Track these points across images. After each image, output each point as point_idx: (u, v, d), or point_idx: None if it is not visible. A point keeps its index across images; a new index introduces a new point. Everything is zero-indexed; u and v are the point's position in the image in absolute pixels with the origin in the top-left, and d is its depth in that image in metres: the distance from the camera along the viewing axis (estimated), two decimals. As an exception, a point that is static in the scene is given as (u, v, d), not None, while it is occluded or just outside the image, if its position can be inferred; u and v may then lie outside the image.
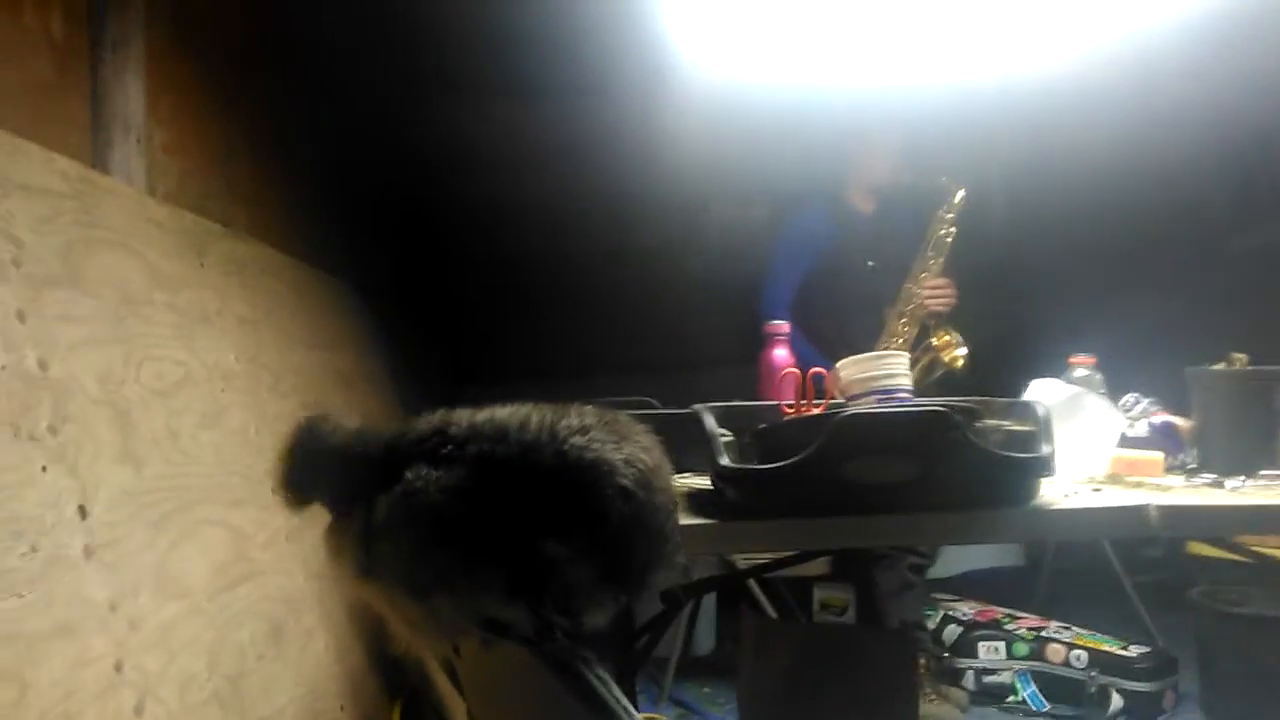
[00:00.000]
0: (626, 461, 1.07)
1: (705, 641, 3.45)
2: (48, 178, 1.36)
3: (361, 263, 2.94)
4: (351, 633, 1.92)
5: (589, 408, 1.15)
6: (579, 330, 3.67)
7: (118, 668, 1.19)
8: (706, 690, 3.11)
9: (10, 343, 1.17)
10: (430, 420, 1.14)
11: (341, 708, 1.78)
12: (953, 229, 2.67)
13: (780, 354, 2.01)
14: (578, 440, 1.07)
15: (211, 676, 1.39)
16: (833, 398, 1.66)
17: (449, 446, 1.08)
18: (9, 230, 1.23)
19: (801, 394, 1.67)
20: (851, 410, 1.48)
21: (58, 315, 1.28)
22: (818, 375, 1.67)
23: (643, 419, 1.20)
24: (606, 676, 1.08)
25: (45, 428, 1.18)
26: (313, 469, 1.16)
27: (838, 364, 1.68)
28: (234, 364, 1.77)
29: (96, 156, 1.61)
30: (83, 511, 1.21)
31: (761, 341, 2.07)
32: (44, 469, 1.16)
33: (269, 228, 2.28)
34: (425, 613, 1.09)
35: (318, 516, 1.24)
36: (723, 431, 1.50)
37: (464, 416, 1.12)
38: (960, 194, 2.67)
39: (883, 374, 1.63)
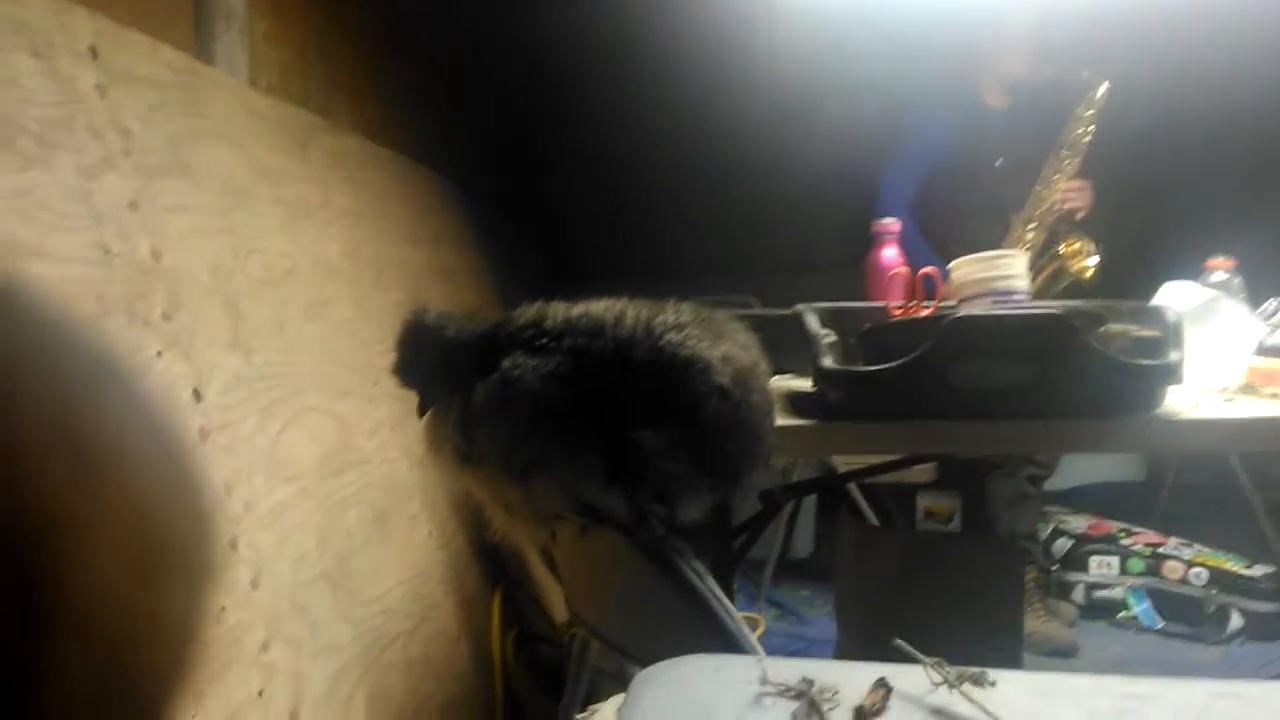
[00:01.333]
0: (723, 359, 1.09)
1: (804, 545, 3.48)
2: (154, 68, 1.39)
3: (463, 158, 2.96)
4: (454, 521, 2.00)
5: (685, 304, 1.16)
6: (681, 231, 3.65)
7: (233, 545, 1.27)
8: (804, 593, 3.15)
9: (123, 231, 1.22)
10: (526, 312, 1.17)
11: (445, 593, 1.86)
12: (1091, 128, 2.52)
13: (889, 254, 1.96)
14: (673, 336, 1.09)
15: (322, 556, 1.46)
16: (944, 300, 1.63)
17: (544, 339, 1.11)
18: (118, 120, 1.27)
19: (910, 295, 1.63)
20: (964, 312, 1.45)
21: (168, 205, 1.32)
22: (928, 276, 1.63)
23: (742, 319, 1.21)
24: (702, 569, 1.10)
25: (159, 314, 1.24)
26: (417, 357, 1.20)
27: (951, 264, 1.64)
28: (337, 257, 1.82)
29: (200, 47, 1.64)
30: (197, 395, 1.27)
31: (868, 243, 2.02)
32: (159, 354, 1.22)
33: (371, 120, 2.30)
34: (523, 496, 1.14)
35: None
36: (826, 332, 1.50)
37: (559, 310, 1.15)
38: (1103, 89, 2.50)
39: (998, 275, 1.59)
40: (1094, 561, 2.92)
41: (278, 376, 1.47)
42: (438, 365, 1.18)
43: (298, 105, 1.87)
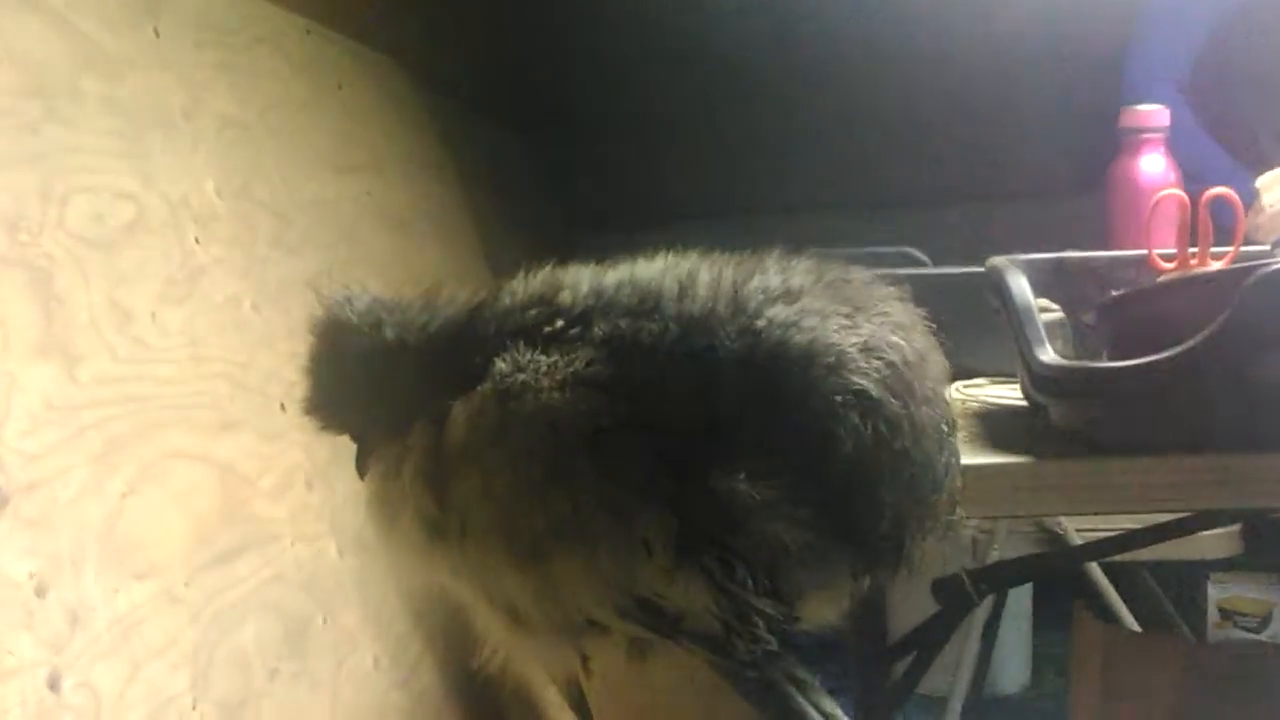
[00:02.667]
0: (866, 349, 1.07)
1: (1013, 671, 3.45)
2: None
3: (431, 36, 2.98)
4: (417, 641, 2.00)
5: (799, 259, 1.15)
6: (766, 154, 3.64)
7: (52, 685, 1.27)
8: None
9: None
10: (530, 284, 1.17)
11: (405, 759, 1.87)
12: None
13: (1150, 166, 1.93)
14: (780, 312, 1.08)
15: (198, 704, 1.47)
16: (1248, 242, 1.62)
17: (561, 323, 1.11)
18: None
19: (1191, 236, 1.60)
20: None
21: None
22: (1220, 201, 1.60)
23: (897, 283, 1.19)
24: (839, 714, 1.09)
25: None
26: (339, 379, 1.22)
27: (1259, 181, 1.61)
28: (214, 198, 1.83)
29: None
30: (-16, 435, 1.29)
31: (1109, 151, 1.99)
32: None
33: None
34: (535, 593, 1.13)
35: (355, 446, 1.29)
36: (1044, 303, 1.50)
37: (583, 278, 1.15)
38: None
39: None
40: None
41: (119, 401, 1.48)
42: (376, 388, 1.19)
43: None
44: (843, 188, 3.60)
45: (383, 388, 1.19)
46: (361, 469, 1.25)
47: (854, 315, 1.09)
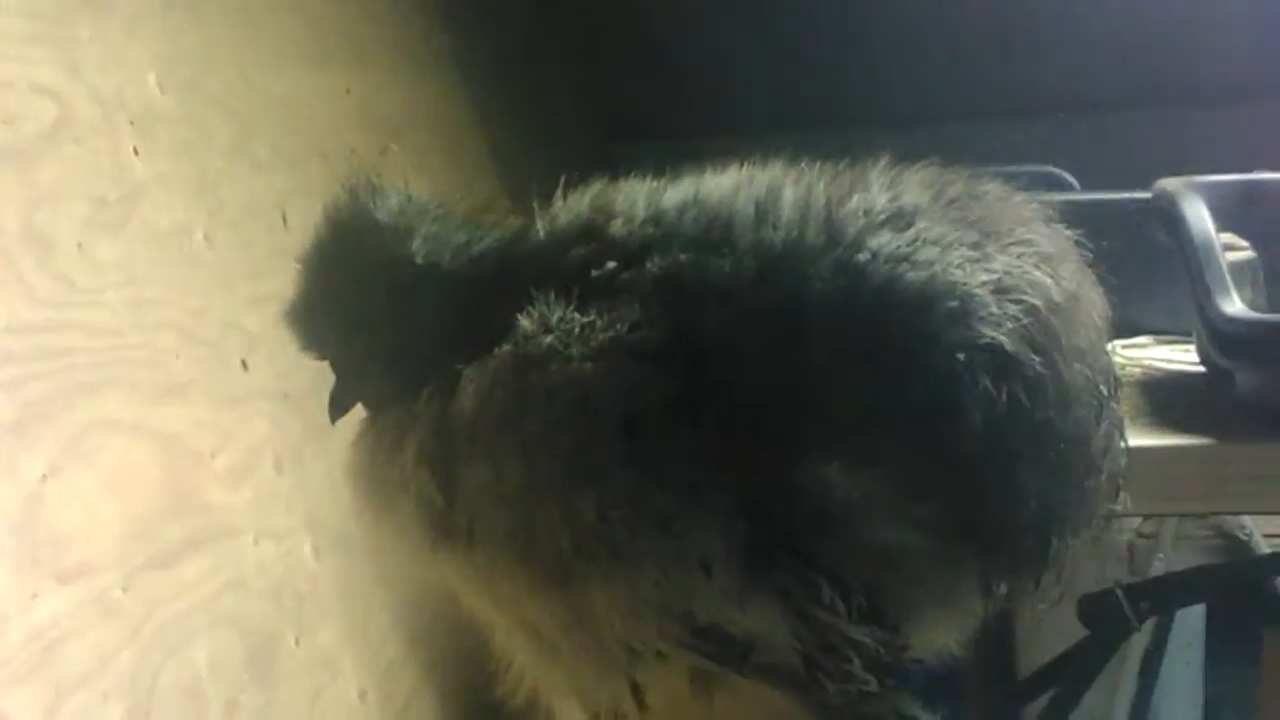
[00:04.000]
0: (1000, 290, 1.08)
1: (1180, 715, 3.44)
2: None
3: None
4: (413, 665, 2.01)
5: (912, 171, 1.16)
6: (888, 44, 3.62)
7: (-44, 716, 1.29)
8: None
9: None
10: (570, 208, 1.18)
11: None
12: None
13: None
14: (888, 242, 1.08)
15: (137, 743, 1.49)
16: None
17: (609, 263, 1.12)
18: None
19: None
20: None
21: None
22: None
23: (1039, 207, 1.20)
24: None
25: None
26: (354, 281, 1.21)
27: None
28: (156, 94, 1.84)
29: None
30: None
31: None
32: None
33: None
34: (563, 623, 1.14)
35: (347, 418, 1.29)
36: (1230, 239, 1.50)
37: (637, 199, 1.15)
38: None
39: None
40: None
41: (37, 357, 1.50)
42: (386, 314, 1.19)
43: None
44: (966, 92, 3.57)
45: (395, 317, 1.19)
46: (337, 409, 1.25)
47: (984, 244, 1.09)
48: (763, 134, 1.50)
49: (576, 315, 1.09)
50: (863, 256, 1.06)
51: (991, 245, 1.09)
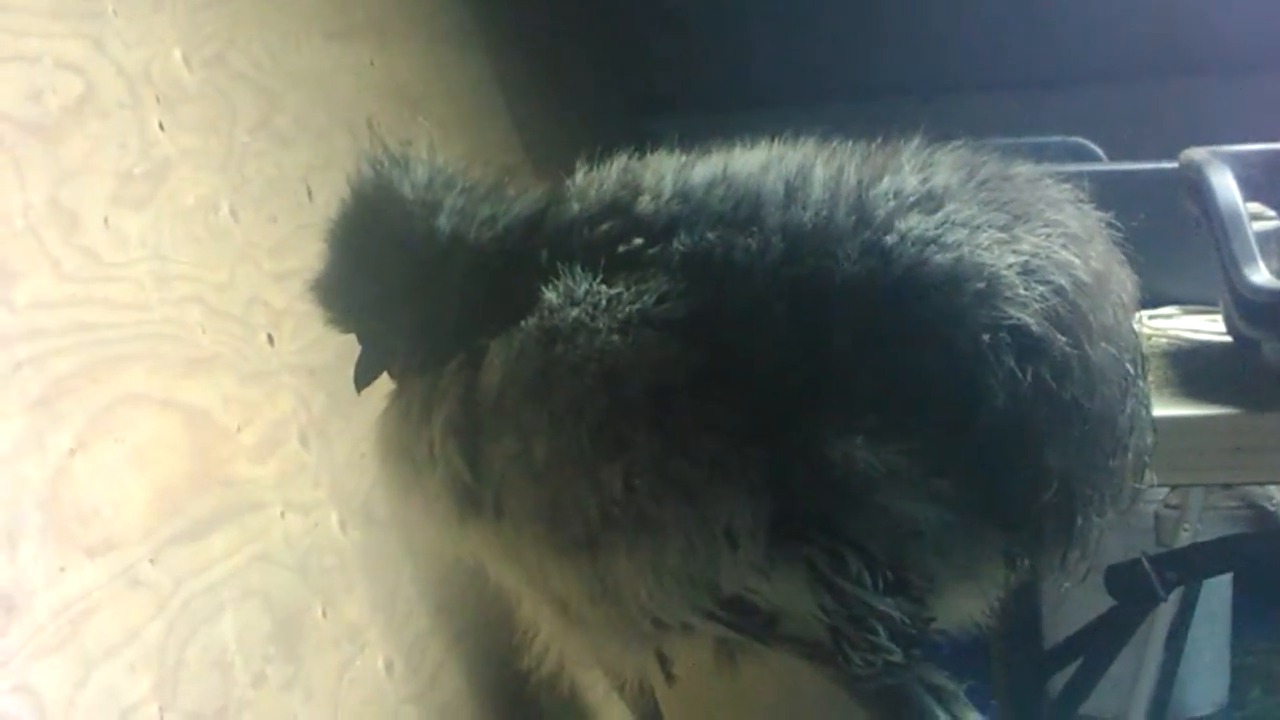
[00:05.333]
0: (1027, 271, 1.07)
1: (1206, 686, 3.43)
2: None
3: None
4: (442, 639, 2.02)
5: (944, 152, 1.15)
6: (914, 14, 3.61)
7: (-13, 689, 1.30)
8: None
9: None
10: (601, 184, 1.17)
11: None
12: None
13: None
14: (917, 224, 1.08)
15: (164, 714, 1.49)
16: None
17: (637, 239, 1.12)
18: None
19: None
20: None
21: None
22: None
23: (1070, 181, 1.20)
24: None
25: None
26: (381, 254, 1.21)
27: None
28: (182, 70, 1.84)
29: None
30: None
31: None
32: None
33: None
34: (589, 593, 1.14)
35: (372, 391, 1.29)
36: (1257, 209, 1.50)
37: (665, 174, 1.15)
38: None
39: None
40: None
41: (64, 331, 1.50)
42: (413, 287, 1.19)
43: None
44: (991, 64, 3.56)
45: (421, 290, 1.19)
46: (362, 379, 1.25)
47: (1013, 226, 1.08)
48: (787, 107, 1.50)
49: (603, 288, 1.09)
50: (891, 239, 1.06)
51: (1020, 227, 1.08)
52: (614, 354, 1.07)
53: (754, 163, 1.12)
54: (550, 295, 1.10)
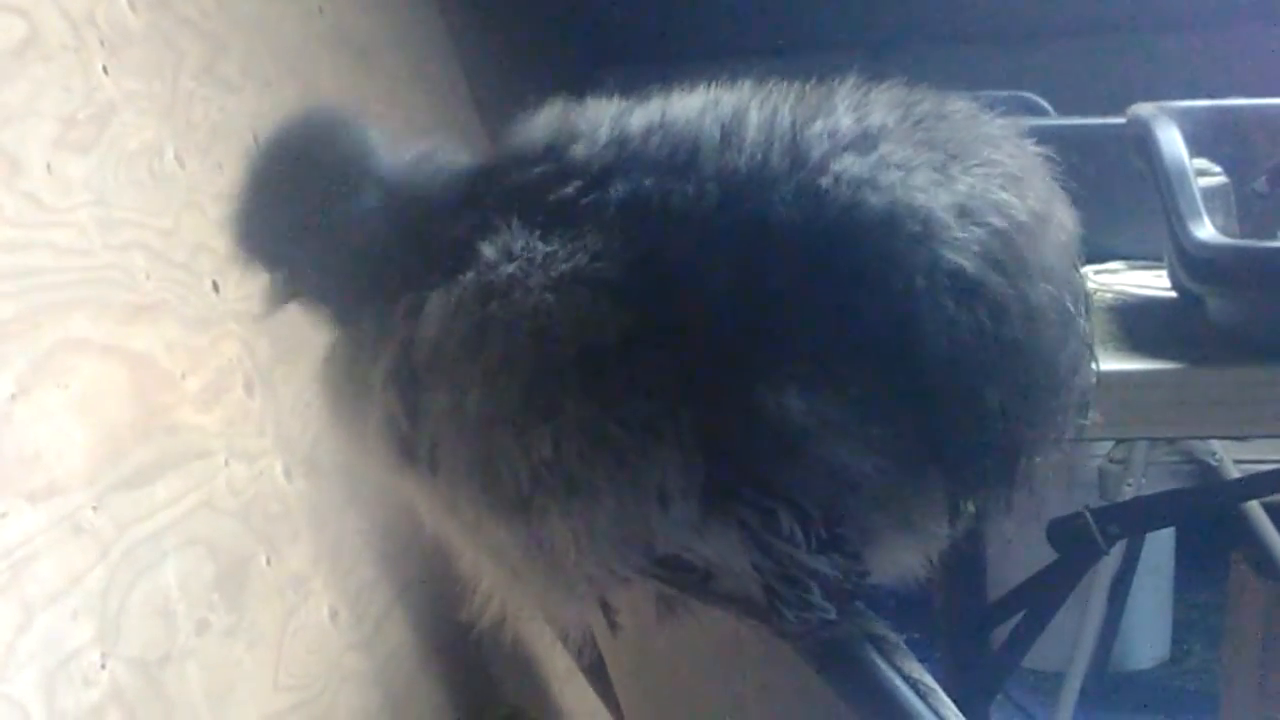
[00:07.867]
0: (963, 212, 1.07)
1: (1148, 640, 3.46)
2: None
3: None
4: (386, 587, 2.02)
5: (879, 92, 1.14)
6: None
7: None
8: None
9: None
10: (534, 129, 1.16)
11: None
12: None
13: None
14: (851, 165, 1.07)
15: (107, 661, 1.49)
16: None
17: (572, 184, 1.11)
18: None
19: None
20: None
21: None
22: None
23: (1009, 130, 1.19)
24: (928, 685, 1.09)
25: None
26: (295, 226, 1.19)
27: None
28: (127, 13, 1.82)
29: None
30: None
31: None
32: None
33: None
34: (524, 551, 1.13)
35: (313, 338, 1.29)
36: (1203, 164, 1.50)
37: (601, 121, 1.14)
38: None
39: None
40: None
41: (6, 277, 1.49)
42: (343, 245, 1.18)
43: None
44: (940, 18, 3.56)
45: (355, 227, 1.17)
46: (276, 297, 1.22)
47: (949, 165, 1.08)
48: (737, 59, 1.49)
49: (540, 244, 1.08)
50: (825, 180, 1.05)
51: (956, 167, 1.08)
52: (546, 312, 1.06)
53: (691, 108, 1.12)
54: (487, 250, 1.09)
